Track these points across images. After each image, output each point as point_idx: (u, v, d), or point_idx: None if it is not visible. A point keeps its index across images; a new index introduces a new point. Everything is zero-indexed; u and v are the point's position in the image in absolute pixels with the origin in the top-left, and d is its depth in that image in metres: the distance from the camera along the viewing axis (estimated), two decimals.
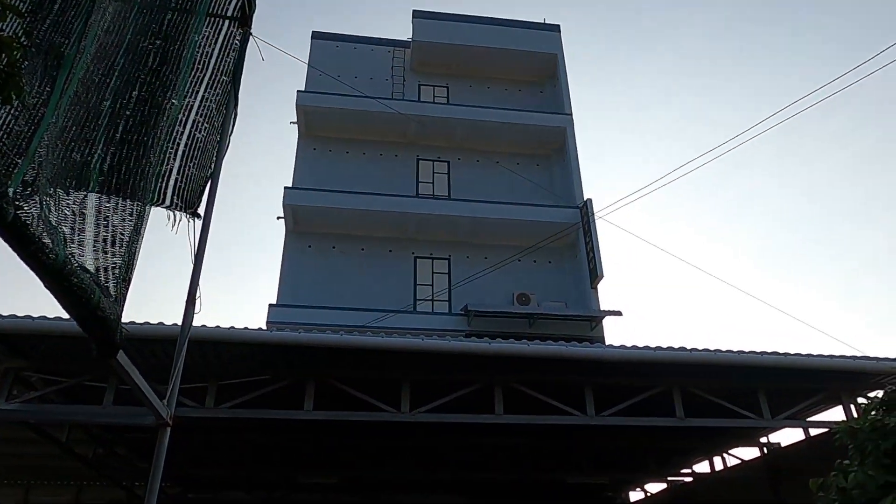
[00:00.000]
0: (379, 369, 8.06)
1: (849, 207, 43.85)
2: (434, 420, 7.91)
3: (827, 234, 45.56)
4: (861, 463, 5.12)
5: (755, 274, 48.16)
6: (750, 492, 11.58)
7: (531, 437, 11.15)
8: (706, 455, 12.56)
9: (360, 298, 15.68)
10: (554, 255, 17.45)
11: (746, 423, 8.69)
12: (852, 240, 46.14)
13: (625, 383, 8.40)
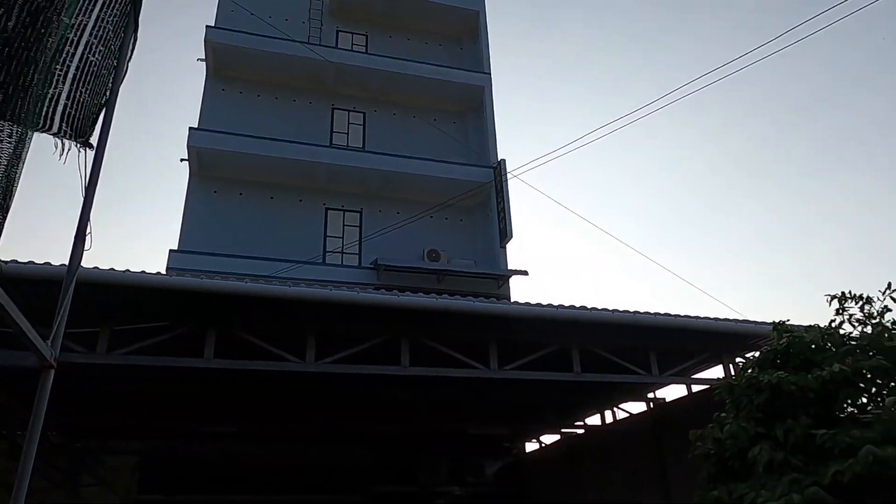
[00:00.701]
0: (284, 319, 7.93)
1: (747, 181, 46.55)
2: (339, 371, 7.91)
3: (725, 206, 48.32)
4: (736, 416, 5.56)
5: (657, 239, 50.59)
6: (635, 443, 12.38)
7: (436, 390, 11.39)
8: (598, 409, 13.29)
9: (267, 248, 15.26)
10: (465, 213, 17.60)
11: (637, 378, 9.23)
12: (746, 213, 49.15)
13: (527, 339, 8.68)
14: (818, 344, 5.65)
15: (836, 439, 4.54)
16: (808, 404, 5.12)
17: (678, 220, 49.13)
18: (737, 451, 5.31)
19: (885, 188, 43.20)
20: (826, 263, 47.94)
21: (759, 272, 49.25)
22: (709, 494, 5.19)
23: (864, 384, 5.12)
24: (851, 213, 42.09)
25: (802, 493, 4.26)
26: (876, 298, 5.96)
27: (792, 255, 47.90)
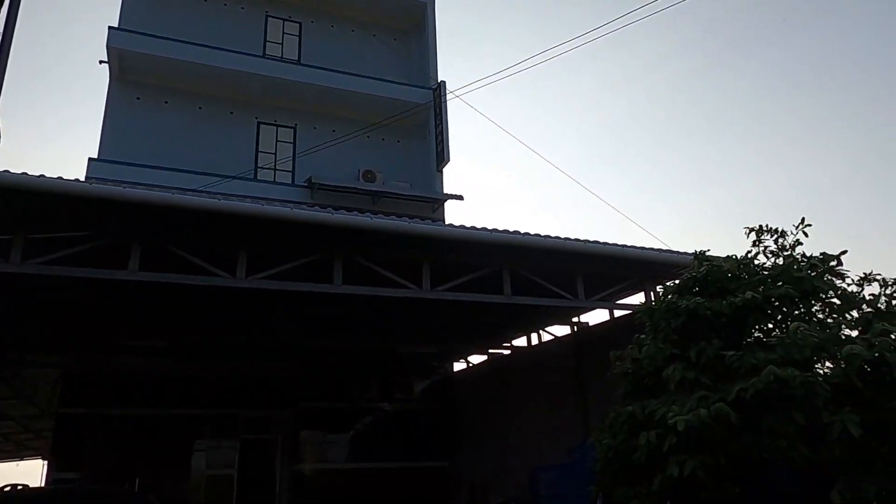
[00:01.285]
0: (215, 234, 7.72)
1: (687, 115, 47.50)
2: (271, 287, 7.83)
3: (664, 139, 49.35)
4: (654, 338, 5.86)
5: (594, 168, 51.35)
6: (559, 364, 12.97)
7: (368, 309, 11.49)
8: (525, 331, 13.77)
9: (194, 161, 14.64)
10: (403, 134, 17.33)
11: (564, 302, 9.56)
12: (683, 147, 50.43)
13: (460, 262, 8.79)
14: (734, 273, 5.96)
15: (743, 360, 4.87)
16: (721, 328, 5.43)
17: (617, 151, 49.89)
18: (652, 370, 5.62)
19: (815, 129, 45.03)
20: (755, 199, 50.17)
21: (690, 206, 51.08)
22: (623, 410, 5.51)
23: (773, 311, 5.47)
24: (782, 152, 43.80)
25: (709, 408, 4.57)
26: (790, 232, 6.30)
27: (725, 191, 49.81)
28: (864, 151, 45.69)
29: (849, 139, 46.67)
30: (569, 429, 11.56)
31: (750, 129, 47.50)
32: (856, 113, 45.94)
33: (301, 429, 16.10)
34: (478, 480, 15.45)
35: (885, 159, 45.79)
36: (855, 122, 46.44)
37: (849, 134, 46.68)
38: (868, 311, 5.42)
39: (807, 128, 47.05)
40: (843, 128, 46.41)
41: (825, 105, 48.92)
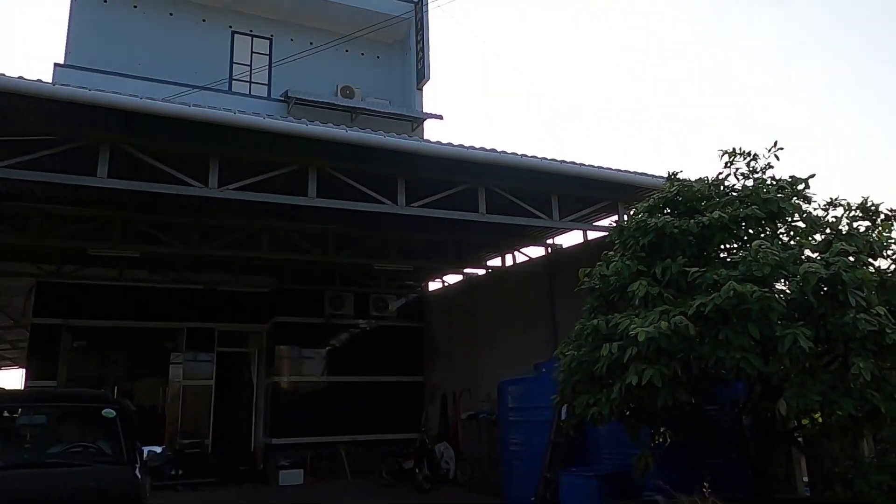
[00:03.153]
0: (187, 142, 7.57)
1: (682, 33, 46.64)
2: (244, 198, 7.77)
3: (656, 62, 48.57)
4: (622, 255, 5.99)
5: (582, 87, 50.59)
6: (531, 284, 13.21)
7: (343, 225, 11.50)
8: (499, 251, 13.92)
9: (165, 70, 14.11)
10: (383, 50, 16.85)
11: (538, 222, 9.64)
12: (673, 72, 49.76)
13: (436, 178, 8.76)
14: (704, 194, 6.05)
15: (705, 276, 5.02)
16: (687, 247, 5.57)
17: (605, 72, 49.02)
18: (619, 286, 5.78)
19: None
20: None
21: (678, 128, 50.82)
22: (588, 323, 5.69)
23: (739, 231, 5.59)
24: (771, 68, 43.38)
25: (669, 321, 4.75)
26: (762, 155, 6.37)
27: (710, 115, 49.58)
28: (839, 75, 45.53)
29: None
30: (539, 346, 11.90)
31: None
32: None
33: (278, 343, 16.38)
34: (450, 394, 15.98)
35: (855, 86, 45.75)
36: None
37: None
38: (830, 233, 5.57)
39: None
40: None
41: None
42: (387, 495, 13.07)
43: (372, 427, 16.02)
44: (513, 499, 9.32)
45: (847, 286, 4.61)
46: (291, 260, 12.75)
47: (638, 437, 5.99)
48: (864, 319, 4.49)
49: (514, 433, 9.62)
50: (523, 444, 9.37)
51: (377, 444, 15.38)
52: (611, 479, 7.32)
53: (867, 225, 5.70)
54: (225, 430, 17.77)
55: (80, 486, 5.16)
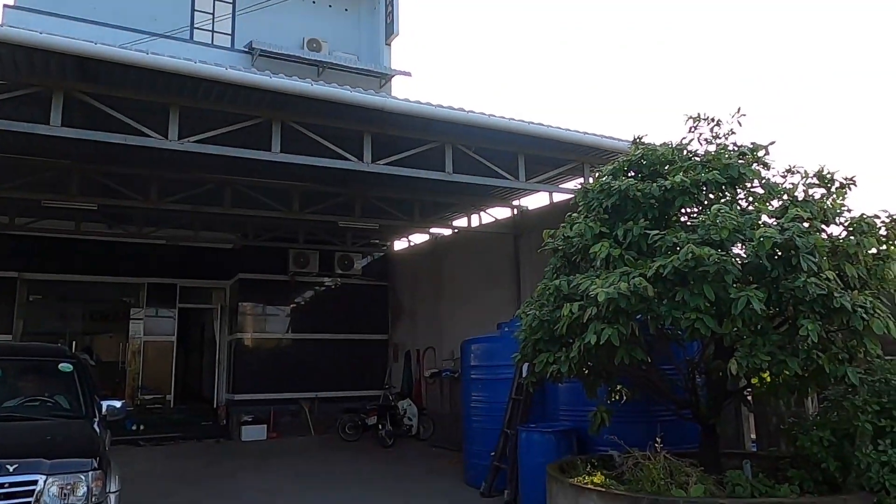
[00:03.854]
0: (146, 91, 7.33)
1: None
2: (205, 151, 7.59)
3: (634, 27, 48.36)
4: (586, 217, 6.05)
5: (545, 48, 50.27)
6: (496, 244, 13.30)
7: (308, 181, 11.36)
8: (465, 212, 13.94)
9: (123, 16, 13.56)
10: (352, 4, 16.42)
11: (505, 183, 9.66)
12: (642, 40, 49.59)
13: (403, 136, 8.68)
14: (668, 158, 6.12)
15: (665, 239, 5.11)
16: (649, 210, 5.64)
17: (577, 35, 48.69)
18: (582, 247, 5.85)
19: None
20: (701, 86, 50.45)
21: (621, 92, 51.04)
22: (550, 283, 5.76)
23: (699, 195, 5.68)
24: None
25: (629, 282, 4.84)
26: (725, 122, 6.45)
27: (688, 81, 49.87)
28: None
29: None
30: (503, 306, 12.05)
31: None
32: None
33: (241, 300, 16.26)
34: (414, 352, 16.14)
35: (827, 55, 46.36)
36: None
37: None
38: (787, 200, 5.70)
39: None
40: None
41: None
42: (349, 450, 13.25)
43: (336, 384, 16.14)
44: (473, 454, 9.53)
45: (800, 251, 4.74)
46: (255, 216, 12.56)
47: (595, 395, 6.15)
48: (815, 283, 4.64)
49: (476, 391, 9.79)
50: (485, 401, 9.55)
51: (341, 401, 15.51)
52: (568, 435, 7.53)
53: (822, 192, 5.83)
54: (187, 387, 17.73)
55: (37, 439, 5.11)
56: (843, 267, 5.07)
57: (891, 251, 5.54)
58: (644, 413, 6.70)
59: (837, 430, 5.14)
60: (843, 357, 4.84)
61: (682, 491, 5.01)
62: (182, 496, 8.97)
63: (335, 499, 8.82)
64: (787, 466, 5.51)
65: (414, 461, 11.84)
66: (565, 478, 5.69)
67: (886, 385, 5.12)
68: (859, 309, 4.67)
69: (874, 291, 5.24)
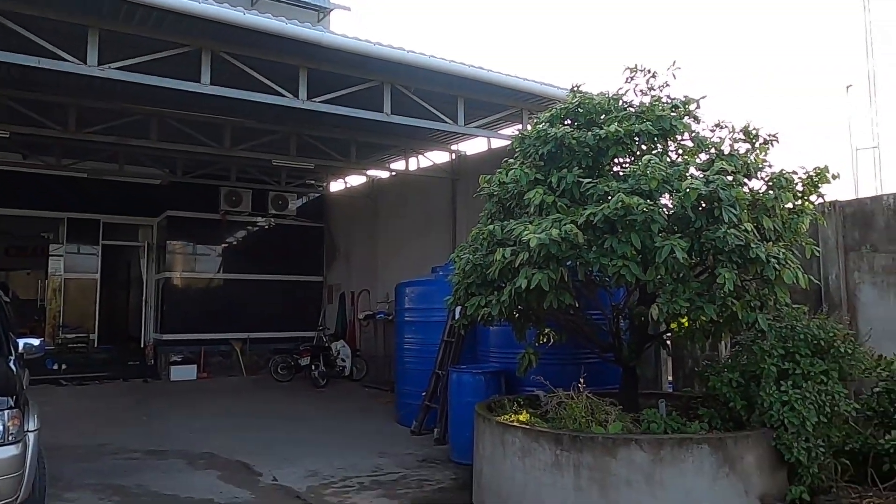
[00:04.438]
0: (61, 9, 6.81)
1: None
2: (129, 80, 7.19)
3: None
4: (522, 163, 6.09)
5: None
6: (434, 189, 13.28)
7: (241, 117, 10.96)
8: (403, 154, 13.79)
9: None
10: None
11: (443, 126, 9.59)
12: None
13: (340, 74, 8.44)
14: (604, 107, 6.18)
15: (597, 188, 5.21)
16: (584, 158, 5.72)
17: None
18: (517, 193, 5.90)
19: None
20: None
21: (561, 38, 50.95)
22: (485, 228, 5.82)
23: (632, 145, 5.79)
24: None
25: (560, 228, 4.93)
26: (661, 74, 6.53)
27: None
28: None
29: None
30: (439, 250, 12.13)
31: None
32: None
33: (170, 238, 15.77)
34: (349, 294, 16.15)
35: None
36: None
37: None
38: (714, 153, 5.88)
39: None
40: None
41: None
42: (282, 390, 13.30)
43: (269, 325, 16.02)
44: (405, 394, 9.73)
45: (723, 203, 4.94)
46: (184, 151, 12.09)
47: (524, 338, 6.33)
48: (734, 235, 4.85)
49: (409, 333, 9.92)
50: (417, 343, 9.71)
51: (274, 342, 15.45)
52: (497, 376, 7.77)
53: (747, 147, 6.05)
54: (113, 326, 17.23)
55: None
56: (761, 220, 5.32)
57: (805, 206, 5.84)
58: (570, 356, 6.96)
59: (746, 373, 5.47)
60: (755, 304, 5.13)
61: (602, 428, 5.28)
62: (107, 436, 8.84)
63: (269, 437, 8.88)
64: (699, 406, 5.87)
65: (347, 401, 12.00)
66: (492, 416, 5.90)
67: (791, 331, 5.46)
68: (773, 259, 4.93)
69: (787, 243, 5.54)
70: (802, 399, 5.01)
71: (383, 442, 8.53)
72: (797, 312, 5.70)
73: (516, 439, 5.36)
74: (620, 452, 4.90)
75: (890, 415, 5.37)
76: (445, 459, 7.62)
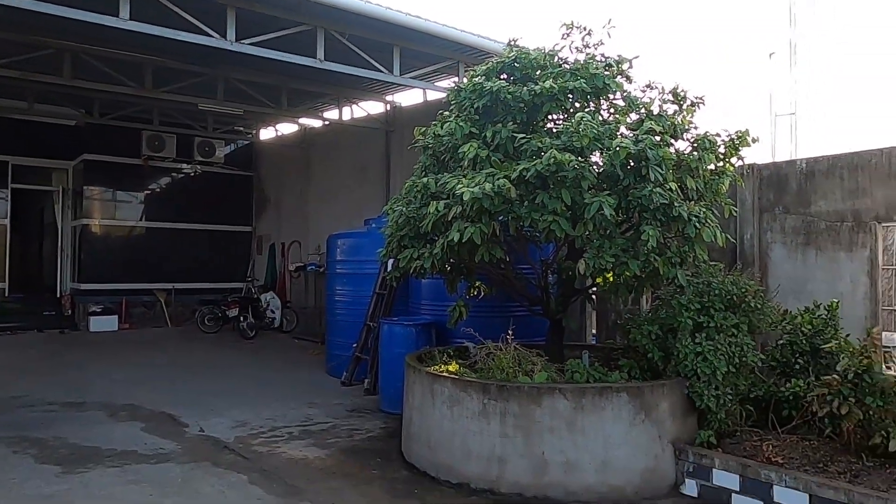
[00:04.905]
0: None
1: None
2: (35, 9, 6.64)
3: None
4: (457, 116, 6.06)
5: None
6: (368, 140, 13.08)
7: (164, 56, 10.40)
8: (337, 104, 13.46)
9: None
10: None
11: (379, 76, 9.39)
12: None
13: (271, 15, 8.08)
14: (539, 63, 6.19)
15: (531, 143, 5.26)
16: (518, 113, 5.75)
17: None
18: (451, 146, 5.89)
19: None
20: None
21: None
22: (418, 181, 5.80)
23: (565, 102, 5.84)
24: None
25: (493, 183, 4.97)
26: (597, 32, 6.57)
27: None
28: None
29: None
30: (372, 202, 12.04)
31: None
32: None
33: (87, 183, 14.99)
34: (279, 245, 15.87)
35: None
36: None
37: None
38: (644, 113, 6.01)
39: None
40: None
41: None
42: (209, 342, 13.07)
43: (195, 275, 15.62)
44: (336, 346, 9.75)
45: (650, 163, 5.08)
46: (101, 91, 11.39)
47: (455, 290, 6.42)
48: (659, 193, 5.02)
49: (340, 285, 9.88)
50: (349, 295, 9.69)
51: (201, 293, 15.09)
52: (427, 328, 7.87)
53: (675, 109, 6.21)
54: (25, 274, 16.39)
55: None
56: (685, 179, 5.52)
57: (726, 168, 6.09)
58: (499, 309, 7.11)
59: (664, 326, 5.75)
60: (676, 261, 5.36)
61: (528, 378, 5.46)
62: (21, 388, 8.50)
63: (195, 388, 8.75)
64: (620, 357, 6.14)
65: (276, 353, 11.92)
66: (423, 367, 5.99)
67: (708, 287, 5.75)
68: (694, 218, 5.15)
69: (708, 203, 5.78)
70: (715, 350, 5.32)
71: (313, 393, 8.55)
72: (713, 269, 5.99)
73: (445, 389, 5.48)
74: (545, 401, 5.09)
75: (791, 365, 5.78)
76: (375, 409, 7.73)
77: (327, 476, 5.52)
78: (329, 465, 5.81)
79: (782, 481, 4.56)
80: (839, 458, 4.78)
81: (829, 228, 6.69)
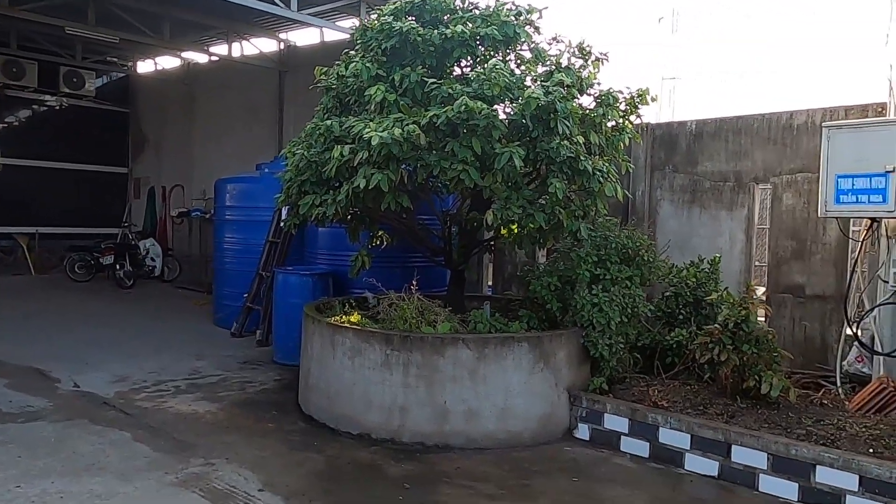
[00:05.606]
0: None
1: None
2: None
3: None
4: (363, 57, 5.78)
5: None
6: (259, 80, 12.35)
7: None
8: (226, 38, 12.54)
9: None
10: None
11: (273, 9, 8.78)
12: None
13: None
14: (450, 7, 5.99)
15: (441, 89, 5.10)
16: (428, 57, 5.55)
17: None
18: (357, 88, 5.63)
19: None
20: None
21: None
22: (321, 123, 5.50)
23: (475, 49, 5.71)
24: None
25: (403, 128, 4.79)
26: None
27: None
28: None
29: None
30: (263, 146, 11.47)
31: None
32: None
33: None
34: (160, 189, 14.84)
35: None
36: None
37: None
38: (552, 66, 6.00)
39: None
40: None
41: None
42: (81, 291, 12.10)
43: (62, 219, 14.34)
44: (224, 296, 9.31)
45: (558, 115, 5.08)
46: None
47: (357, 239, 6.23)
48: (566, 146, 5.05)
49: (230, 232, 9.38)
50: (239, 243, 9.23)
51: (69, 238, 13.89)
52: (325, 278, 7.64)
53: (581, 63, 6.25)
54: None
55: None
56: (589, 134, 5.58)
57: (626, 125, 6.23)
58: (401, 259, 7.02)
59: (563, 277, 5.89)
60: (579, 214, 5.46)
61: (431, 328, 5.43)
62: None
63: (67, 341, 8.08)
64: (518, 307, 6.25)
65: (158, 303, 11.23)
66: (322, 317, 5.81)
67: (605, 240, 5.93)
68: (598, 173, 5.25)
69: (609, 158, 5.90)
70: (610, 301, 5.52)
71: (200, 345, 8.14)
72: (610, 223, 6.19)
73: (347, 340, 5.35)
74: (448, 351, 5.09)
75: (675, 315, 6.14)
76: (269, 361, 7.47)
77: (220, 430, 5.27)
78: (221, 419, 5.56)
79: (667, 423, 4.85)
80: (717, 400, 5.13)
81: (713, 188, 7.09)
